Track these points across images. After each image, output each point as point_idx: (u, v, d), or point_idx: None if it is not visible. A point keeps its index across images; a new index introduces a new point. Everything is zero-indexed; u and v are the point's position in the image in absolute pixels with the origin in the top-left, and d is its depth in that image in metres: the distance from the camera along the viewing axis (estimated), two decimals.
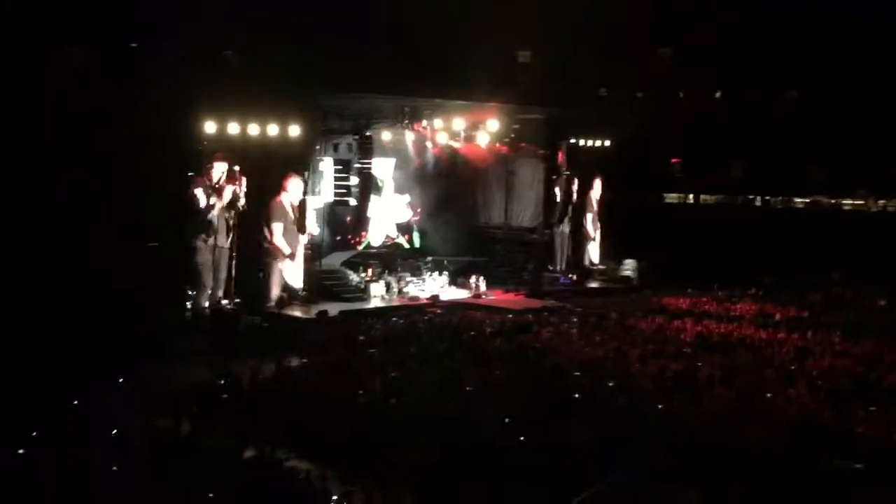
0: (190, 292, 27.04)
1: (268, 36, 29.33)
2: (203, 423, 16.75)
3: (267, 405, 17.92)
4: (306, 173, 30.04)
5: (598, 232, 39.25)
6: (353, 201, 32.78)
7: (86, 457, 14.10)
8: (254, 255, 28.63)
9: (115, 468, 13.33)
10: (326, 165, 32.30)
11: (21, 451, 13.80)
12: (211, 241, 26.84)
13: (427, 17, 32.60)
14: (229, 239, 27.55)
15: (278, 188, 28.64)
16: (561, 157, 37.26)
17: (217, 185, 26.81)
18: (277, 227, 28.43)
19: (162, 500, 12.40)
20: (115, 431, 15.24)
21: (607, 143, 39.19)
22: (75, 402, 16.59)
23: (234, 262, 27.61)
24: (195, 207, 26.62)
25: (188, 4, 27.61)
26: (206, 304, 26.95)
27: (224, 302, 27.51)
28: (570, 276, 37.56)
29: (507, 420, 16.63)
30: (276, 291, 28.73)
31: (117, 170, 25.65)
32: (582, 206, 38.37)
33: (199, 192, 26.55)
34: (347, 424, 16.45)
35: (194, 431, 16.20)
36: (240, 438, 15.70)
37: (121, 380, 18.86)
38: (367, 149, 32.35)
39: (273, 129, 28.81)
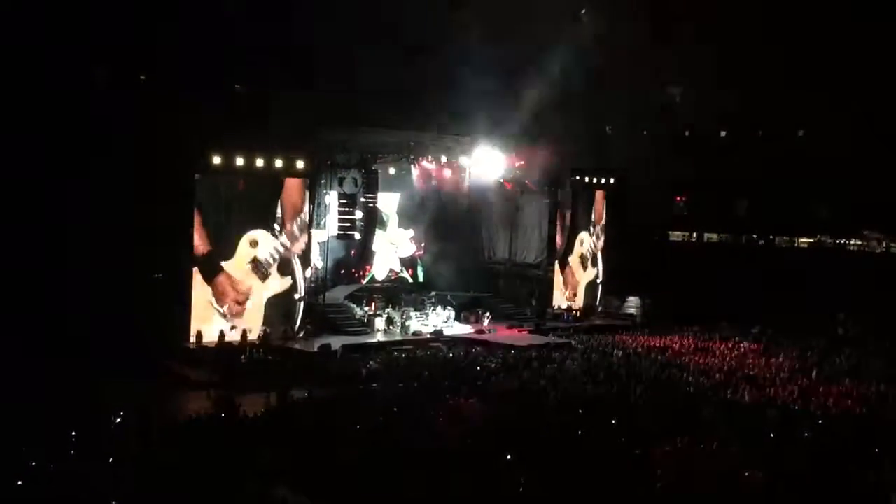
0: None
1: (277, 70, 29.64)
2: (203, 454, 16.66)
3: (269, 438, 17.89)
4: (311, 206, 30.26)
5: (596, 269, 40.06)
6: (357, 235, 32.84)
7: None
8: None
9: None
10: (331, 199, 32.42)
11: None
12: None
13: (433, 54, 32.91)
14: None
15: None
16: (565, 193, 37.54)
17: None
18: None
19: None
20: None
21: (612, 180, 39.30)
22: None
23: None
24: None
25: (201, 38, 27.97)
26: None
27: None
28: (573, 312, 37.51)
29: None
30: None
31: (126, 198, 25.95)
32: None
33: None
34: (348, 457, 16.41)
35: (194, 463, 16.10)
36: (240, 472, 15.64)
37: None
38: (372, 183, 32.49)
39: (279, 163, 29.13)
